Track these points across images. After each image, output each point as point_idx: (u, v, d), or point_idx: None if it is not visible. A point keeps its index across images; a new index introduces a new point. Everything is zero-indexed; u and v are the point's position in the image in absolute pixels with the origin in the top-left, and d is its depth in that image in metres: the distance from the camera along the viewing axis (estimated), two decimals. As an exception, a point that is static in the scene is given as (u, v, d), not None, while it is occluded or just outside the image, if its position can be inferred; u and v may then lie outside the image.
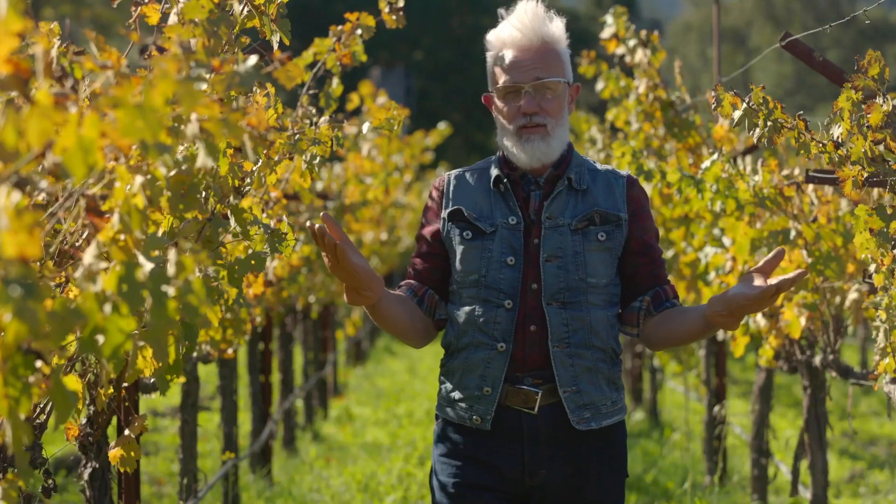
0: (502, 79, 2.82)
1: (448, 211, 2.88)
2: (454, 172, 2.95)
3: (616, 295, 2.87)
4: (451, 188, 2.91)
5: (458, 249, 2.84)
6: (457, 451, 2.84)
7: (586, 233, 2.82)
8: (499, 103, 2.85)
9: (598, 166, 2.92)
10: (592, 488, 2.82)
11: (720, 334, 6.67)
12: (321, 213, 2.66)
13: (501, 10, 2.90)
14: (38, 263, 1.92)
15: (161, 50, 2.34)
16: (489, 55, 2.89)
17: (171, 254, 1.75)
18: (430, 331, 2.92)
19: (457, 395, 2.84)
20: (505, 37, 2.84)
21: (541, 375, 2.79)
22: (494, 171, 2.88)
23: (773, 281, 2.62)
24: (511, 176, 2.87)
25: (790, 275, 2.60)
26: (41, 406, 2.44)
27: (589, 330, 2.79)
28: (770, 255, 2.68)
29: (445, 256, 2.89)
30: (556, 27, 2.85)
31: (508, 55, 2.82)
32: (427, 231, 2.92)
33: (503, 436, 2.80)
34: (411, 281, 2.93)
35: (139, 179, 1.87)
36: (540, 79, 2.80)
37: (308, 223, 2.62)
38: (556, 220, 2.82)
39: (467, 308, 2.82)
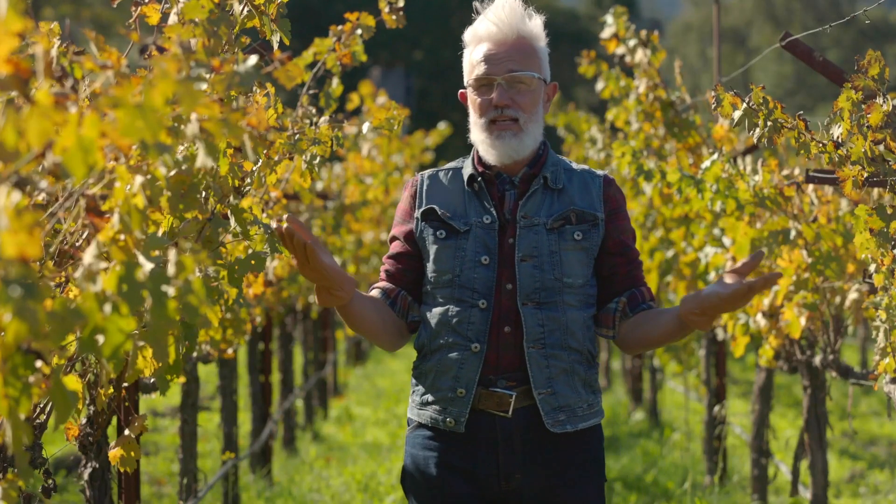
0: (475, 71, 2.79)
1: (421, 210, 2.83)
2: (427, 172, 2.90)
3: (592, 296, 2.82)
4: (425, 188, 2.86)
5: (432, 249, 2.80)
6: (430, 457, 2.79)
7: (562, 232, 2.77)
8: (472, 96, 2.81)
9: (574, 165, 2.87)
10: (569, 493, 2.76)
11: (720, 334, 6.67)
12: (286, 215, 2.61)
13: (477, 4, 2.86)
14: (38, 263, 1.92)
15: (161, 50, 2.34)
16: (465, 51, 2.85)
17: (171, 254, 1.75)
18: (403, 332, 2.87)
19: (430, 397, 2.79)
20: (481, 31, 2.81)
21: (515, 378, 2.74)
22: (468, 170, 2.84)
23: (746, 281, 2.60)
24: (485, 175, 2.82)
25: (763, 276, 2.55)
26: (41, 406, 2.44)
27: (565, 331, 2.75)
28: (748, 256, 2.63)
29: (419, 257, 2.84)
30: (535, 24, 2.82)
31: (483, 48, 2.79)
32: (400, 231, 2.87)
33: (477, 440, 2.75)
34: (384, 282, 2.88)
35: (139, 179, 1.87)
36: (513, 71, 2.76)
37: (275, 225, 2.58)
38: (532, 219, 2.77)
39: (441, 309, 2.77)
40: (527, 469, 2.75)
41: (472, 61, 2.81)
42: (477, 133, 2.81)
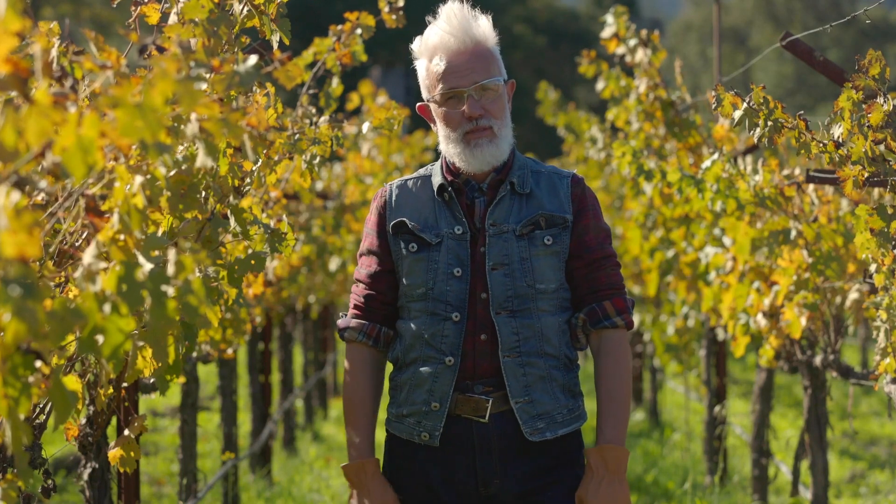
0: (440, 86, 2.75)
1: (392, 223, 2.80)
2: (395, 182, 2.86)
3: (567, 300, 2.79)
4: (394, 199, 2.83)
5: (405, 262, 2.77)
6: (408, 468, 2.79)
7: (532, 237, 2.74)
8: (439, 111, 2.77)
9: (541, 166, 2.84)
10: (548, 497, 2.74)
11: (720, 334, 6.67)
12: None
13: (430, 18, 2.82)
14: (38, 263, 1.92)
15: (161, 50, 2.33)
16: (420, 63, 2.82)
17: (171, 254, 1.75)
18: (384, 368, 2.89)
19: (404, 410, 2.78)
20: (437, 42, 2.77)
21: (491, 383, 2.72)
22: (437, 179, 2.81)
23: None
24: (454, 183, 2.79)
25: None
26: (41, 406, 2.43)
27: (540, 337, 2.72)
28: None
29: (393, 270, 2.81)
30: (484, 25, 2.78)
31: (444, 61, 2.75)
32: (372, 243, 2.83)
33: (454, 446, 2.73)
34: (362, 320, 2.83)
35: (139, 179, 1.86)
36: (479, 82, 2.73)
37: None
38: (501, 226, 2.74)
39: (414, 322, 2.75)
40: (505, 474, 2.73)
41: (434, 75, 2.76)
42: (451, 146, 2.77)
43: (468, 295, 2.73)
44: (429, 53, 2.79)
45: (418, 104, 2.86)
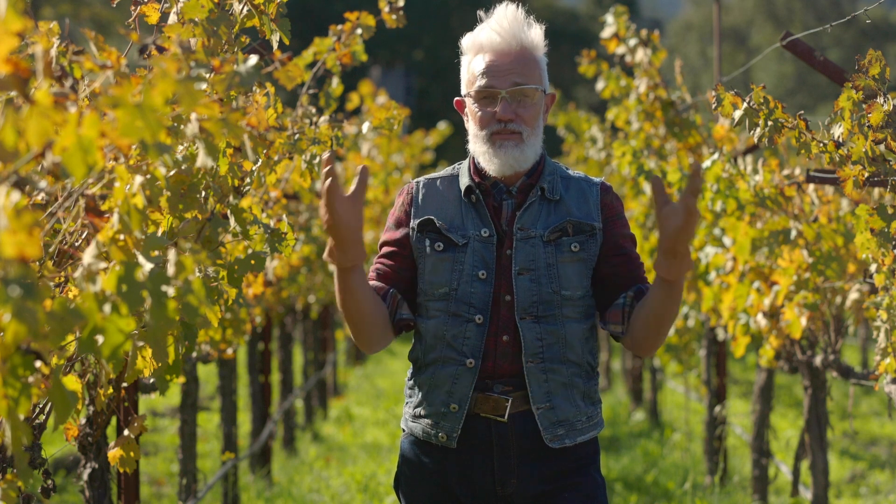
0: (478, 83, 2.74)
1: (418, 221, 2.79)
2: (423, 179, 2.85)
3: (591, 307, 2.79)
4: (421, 196, 2.82)
5: (428, 261, 2.76)
6: (424, 468, 2.78)
7: (559, 244, 2.74)
8: (472, 108, 2.76)
9: (571, 173, 2.84)
10: (565, 499, 2.74)
11: (720, 334, 6.67)
12: (360, 167, 2.51)
13: (481, 13, 2.81)
14: (38, 263, 1.92)
15: (161, 49, 2.33)
16: (464, 58, 2.81)
17: (171, 254, 1.75)
18: (388, 332, 2.77)
19: (422, 410, 2.77)
20: (483, 40, 2.76)
21: (511, 383, 2.72)
22: (465, 180, 2.80)
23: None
24: (482, 185, 2.79)
25: (688, 183, 2.47)
26: (40, 406, 2.43)
27: (564, 344, 2.72)
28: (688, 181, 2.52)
29: (412, 260, 2.80)
30: (536, 34, 2.78)
31: (486, 59, 2.74)
32: (394, 236, 2.81)
33: (472, 446, 2.73)
34: (373, 281, 2.80)
35: (139, 179, 1.86)
36: (518, 85, 2.72)
37: (325, 154, 2.43)
38: (528, 231, 2.74)
39: (435, 322, 2.74)
40: (522, 474, 2.73)
41: (474, 72, 2.76)
42: (478, 145, 2.76)
43: (492, 297, 2.72)
44: (474, 50, 2.78)
45: (456, 98, 2.85)
